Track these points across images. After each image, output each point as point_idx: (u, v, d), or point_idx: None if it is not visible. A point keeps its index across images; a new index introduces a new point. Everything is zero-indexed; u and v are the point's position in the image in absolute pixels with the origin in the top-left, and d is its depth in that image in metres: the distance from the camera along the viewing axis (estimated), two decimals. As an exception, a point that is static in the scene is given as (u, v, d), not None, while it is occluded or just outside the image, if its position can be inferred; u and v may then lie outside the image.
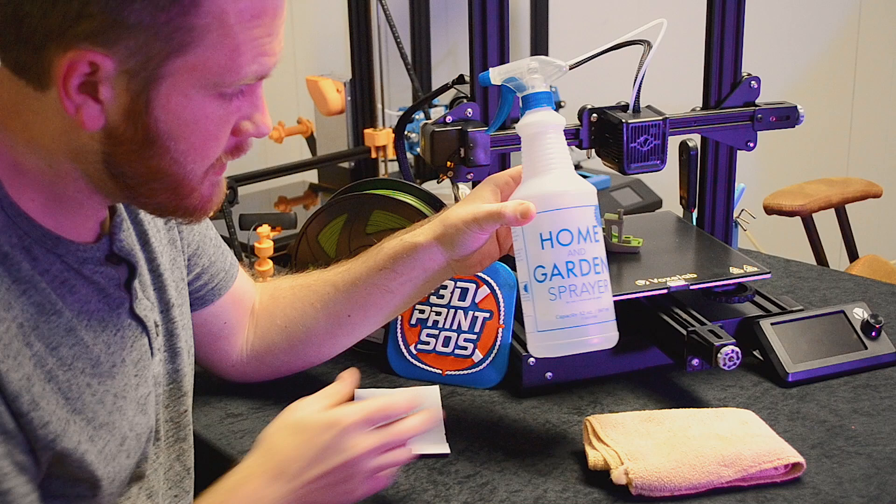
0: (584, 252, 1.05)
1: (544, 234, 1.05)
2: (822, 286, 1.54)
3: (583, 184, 1.07)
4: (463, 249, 1.11)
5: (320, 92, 2.47)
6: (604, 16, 3.04)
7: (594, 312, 1.06)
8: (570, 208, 1.05)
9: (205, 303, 1.18)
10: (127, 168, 0.86)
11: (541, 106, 1.07)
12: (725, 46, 1.38)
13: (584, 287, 1.05)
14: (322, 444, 0.94)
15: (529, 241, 1.06)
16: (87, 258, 0.91)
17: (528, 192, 1.06)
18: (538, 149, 1.07)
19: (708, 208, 1.45)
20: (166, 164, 0.86)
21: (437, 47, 3.09)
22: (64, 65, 0.79)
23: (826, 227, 2.41)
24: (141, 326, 0.98)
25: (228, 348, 1.23)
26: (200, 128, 0.85)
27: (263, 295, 1.25)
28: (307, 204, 2.54)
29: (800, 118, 1.39)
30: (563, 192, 1.05)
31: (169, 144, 0.85)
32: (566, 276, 1.04)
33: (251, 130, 0.90)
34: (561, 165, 1.07)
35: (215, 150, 0.88)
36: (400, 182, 1.36)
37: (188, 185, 0.88)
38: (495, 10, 1.25)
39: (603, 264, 1.07)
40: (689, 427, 1.08)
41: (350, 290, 1.17)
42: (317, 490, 0.93)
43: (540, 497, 1.04)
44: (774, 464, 1.03)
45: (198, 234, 1.15)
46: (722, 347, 1.14)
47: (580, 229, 1.05)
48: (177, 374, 1.07)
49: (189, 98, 0.84)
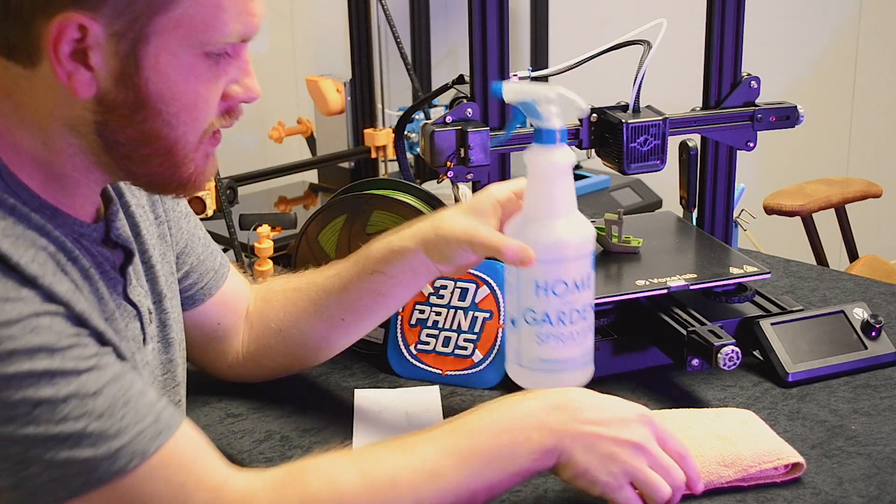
0: (576, 302, 1.05)
1: (539, 282, 1.04)
2: (822, 286, 1.54)
3: (585, 230, 1.05)
4: (451, 262, 1.11)
5: (320, 92, 2.48)
6: (604, 16, 3.05)
7: (577, 358, 1.07)
8: (569, 260, 1.04)
9: (195, 302, 1.18)
10: (120, 135, 0.86)
11: (554, 143, 1.03)
12: (725, 46, 1.38)
13: (570, 335, 1.05)
14: (619, 410, 0.95)
15: (523, 284, 1.05)
16: (84, 233, 0.92)
17: (529, 236, 1.04)
18: (546, 190, 1.04)
19: (708, 208, 1.45)
20: (158, 127, 0.86)
21: (437, 47, 3.09)
22: (52, 31, 0.80)
23: (826, 227, 2.41)
24: (135, 310, 0.98)
25: (224, 349, 1.23)
26: (190, 88, 0.86)
27: (257, 298, 1.25)
28: (307, 204, 2.54)
29: (800, 118, 1.39)
30: (565, 243, 1.04)
31: (160, 106, 0.85)
32: (555, 324, 1.04)
33: (240, 94, 0.91)
34: (567, 211, 1.05)
35: (206, 113, 0.89)
36: (400, 182, 1.36)
37: (181, 152, 0.89)
38: (495, 10, 1.25)
39: (591, 309, 1.07)
40: (689, 427, 1.08)
41: (341, 295, 1.17)
42: (581, 436, 0.92)
43: (540, 497, 1.03)
44: (774, 464, 1.03)
45: (186, 233, 1.15)
46: (722, 347, 1.14)
47: (575, 280, 1.04)
48: (171, 363, 1.08)
49: (177, 57, 0.84)
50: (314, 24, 3.54)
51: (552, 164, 1.03)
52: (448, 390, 1.26)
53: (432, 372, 1.28)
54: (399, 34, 2.40)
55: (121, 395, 0.82)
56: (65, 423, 0.78)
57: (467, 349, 1.27)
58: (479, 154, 1.25)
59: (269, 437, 1.17)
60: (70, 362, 0.80)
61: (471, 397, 1.24)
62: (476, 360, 1.27)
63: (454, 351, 1.28)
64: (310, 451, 1.13)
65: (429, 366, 1.28)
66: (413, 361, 1.29)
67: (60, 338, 0.80)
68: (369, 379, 1.29)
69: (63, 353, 0.80)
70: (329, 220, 1.36)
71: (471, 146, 1.24)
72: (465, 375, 1.27)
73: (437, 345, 1.29)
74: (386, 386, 1.27)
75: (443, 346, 1.28)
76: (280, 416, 1.21)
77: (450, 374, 1.28)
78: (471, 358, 1.27)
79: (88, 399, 0.80)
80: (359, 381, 1.29)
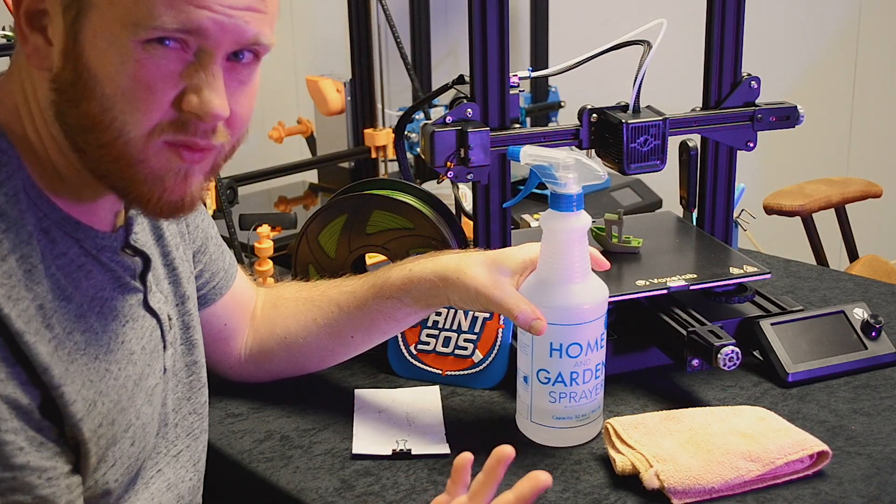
0: (590, 362, 1.09)
1: (555, 343, 1.07)
2: (822, 286, 1.54)
3: (600, 293, 1.08)
4: (465, 305, 1.13)
5: (320, 92, 2.48)
6: (604, 16, 3.04)
7: (587, 414, 1.11)
8: (584, 324, 1.07)
9: (206, 302, 1.18)
10: (68, 117, 0.84)
11: (572, 210, 1.05)
12: (725, 46, 1.38)
13: (583, 393, 1.10)
14: None
15: (538, 345, 1.08)
16: (104, 245, 0.91)
17: (545, 300, 1.06)
18: (563, 255, 1.06)
19: (708, 208, 1.45)
20: (95, 109, 0.82)
21: (437, 47, 3.09)
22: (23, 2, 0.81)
23: (826, 227, 2.41)
24: (155, 319, 0.98)
25: (228, 350, 1.23)
26: (126, 71, 0.81)
27: (266, 302, 1.25)
28: (307, 204, 2.54)
29: (800, 118, 1.39)
30: (580, 307, 1.06)
31: (95, 87, 0.82)
32: (569, 384, 1.09)
33: (194, 105, 0.83)
34: (583, 276, 1.07)
35: (147, 105, 0.82)
36: (400, 182, 1.36)
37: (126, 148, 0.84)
38: (495, 10, 1.25)
39: (602, 367, 1.11)
40: (709, 424, 1.08)
41: (355, 314, 1.18)
42: None
43: (540, 497, 1.03)
44: (800, 454, 1.03)
45: (202, 232, 1.15)
46: (722, 348, 1.14)
47: (590, 342, 1.08)
48: (195, 365, 1.08)
49: (114, 36, 0.81)
50: (314, 24, 3.54)
51: (569, 231, 1.06)
52: (448, 390, 1.26)
53: (432, 372, 1.28)
54: (399, 34, 2.40)
55: None
56: None
57: (467, 349, 1.27)
58: (479, 154, 1.25)
59: (269, 437, 1.17)
60: None
61: (470, 397, 1.24)
62: (476, 361, 1.27)
63: (454, 351, 1.28)
64: (310, 451, 1.14)
65: (429, 366, 1.28)
66: (413, 361, 1.29)
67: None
68: (369, 379, 1.29)
69: None
70: (329, 220, 1.36)
71: (471, 146, 1.24)
72: (465, 375, 1.27)
73: (437, 345, 1.29)
74: (386, 386, 1.27)
75: (443, 346, 1.28)
76: (280, 416, 1.21)
77: (450, 374, 1.28)
78: (471, 358, 1.27)
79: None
80: (359, 381, 1.29)
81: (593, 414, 1.12)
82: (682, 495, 1.00)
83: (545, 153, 1.08)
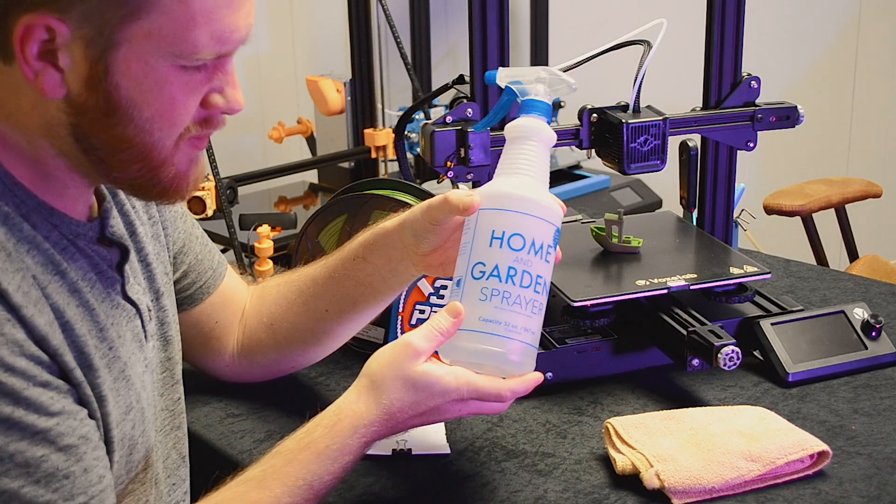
0: (531, 265, 0.98)
1: (497, 231, 0.99)
2: (822, 286, 1.54)
3: (553, 201, 1.02)
4: (421, 242, 1.07)
5: (320, 92, 2.48)
6: (603, 16, 3.05)
7: (520, 328, 0.98)
8: (532, 216, 0.99)
9: (194, 301, 1.18)
10: (94, 139, 0.86)
11: (535, 114, 1.02)
12: (725, 46, 1.38)
13: (518, 298, 0.97)
14: (432, 405, 0.97)
15: (479, 236, 1.00)
16: (80, 233, 0.92)
17: (493, 188, 1.01)
18: (518, 152, 1.02)
19: (708, 208, 1.45)
20: (131, 133, 0.85)
21: (437, 47, 3.09)
22: (20, 30, 0.81)
23: (826, 227, 2.41)
24: (134, 308, 0.98)
25: (221, 348, 1.23)
26: (164, 95, 0.85)
27: (253, 295, 1.25)
28: (307, 204, 2.54)
29: (800, 118, 1.39)
30: (530, 198, 0.99)
31: (132, 112, 0.85)
32: (504, 280, 0.97)
33: (221, 105, 0.89)
34: (535, 175, 1.01)
35: (182, 118, 0.87)
36: (400, 182, 1.36)
37: (158, 156, 0.88)
38: (495, 10, 1.25)
39: (545, 289, 1.00)
40: (709, 424, 1.08)
41: (327, 283, 1.17)
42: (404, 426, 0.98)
43: (540, 497, 1.04)
44: (800, 454, 1.03)
45: (183, 232, 1.15)
46: (722, 347, 1.14)
47: (535, 241, 0.98)
48: (169, 361, 1.08)
49: (149, 66, 0.83)
50: (314, 24, 3.54)
51: (528, 128, 1.01)
52: (448, 390, 1.26)
53: (432, 372, 1.28)
54: (399, 34, 2.40)
55: (65, 467, 0.82)
56: (1, 477, 0.79)
57: (467, 349, 1.27)
58: (479, 154, 1.25)
59: (269, 437, 1.17)
60: (30, 417, 0.80)
61: (471, 397, 1.24)
62: (476, 360, 1.26)
63: (454, 351, 1.27)
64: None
65: (429, 366, 1.28)
66: (413, 361, 1.28)
67: (29, 386, 0.81)
68: (369, 379, 1.29)
69: (27, 404, 0.80)
70: (329, 220, 1.36)
71: (471, 146, 1.24)
72: (465, 375, 1.26)
73: (437, 345, 1.28)
74: (386, 386, 1.27)
75: (443, 346, 1.28)
76: (280, 416, 1.21)
77: (450, 374, 1.27)
78: (471, 358, 1.26)
79: (33, 463, 0.80)
80: (359, 381, 1.28)
81: (527, 335, 0.98)
82: (683, 495, 1.00)
83: (518, 70, 1.06)
